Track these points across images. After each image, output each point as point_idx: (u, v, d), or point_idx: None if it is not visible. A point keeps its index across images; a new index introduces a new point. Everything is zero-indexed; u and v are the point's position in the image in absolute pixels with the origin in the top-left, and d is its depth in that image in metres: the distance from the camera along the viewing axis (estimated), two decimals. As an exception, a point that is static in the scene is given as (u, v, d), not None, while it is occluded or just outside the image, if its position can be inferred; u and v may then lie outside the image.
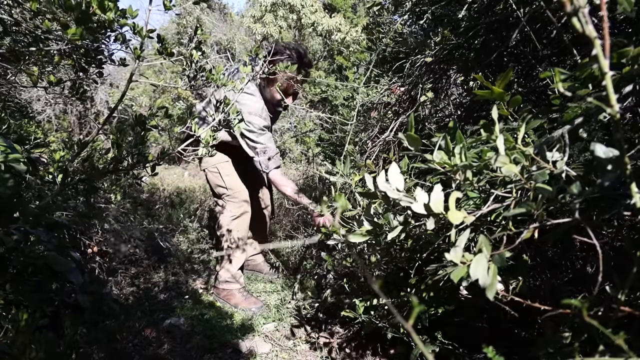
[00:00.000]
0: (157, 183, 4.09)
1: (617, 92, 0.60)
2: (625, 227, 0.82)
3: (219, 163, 1.93)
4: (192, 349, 1.52)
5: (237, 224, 1.94)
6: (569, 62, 1.20)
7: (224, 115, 1.17)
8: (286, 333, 1.69)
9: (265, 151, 1.79)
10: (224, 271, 1.96)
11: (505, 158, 0.58)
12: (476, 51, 1.44)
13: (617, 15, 0.94)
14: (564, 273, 1.04)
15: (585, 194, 0.51)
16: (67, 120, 5.68)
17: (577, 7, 0.33)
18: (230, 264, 1.95)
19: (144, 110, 6.56)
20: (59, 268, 0.85)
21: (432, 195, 0.65)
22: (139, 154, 0.93)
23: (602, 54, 0.35)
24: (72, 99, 1.09)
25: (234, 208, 1.94)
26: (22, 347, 0.72)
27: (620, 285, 0.51)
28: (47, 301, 0.88)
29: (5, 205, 0.69)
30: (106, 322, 1.55)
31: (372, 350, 1.45)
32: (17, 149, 0.79)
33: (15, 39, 0.98)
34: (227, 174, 1.93)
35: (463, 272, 0.57)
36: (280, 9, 9.41)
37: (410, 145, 0.71)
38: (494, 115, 0.62)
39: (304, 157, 4.83)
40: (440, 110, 1.92)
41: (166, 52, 0.96)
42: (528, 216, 0.59)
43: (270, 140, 1.84)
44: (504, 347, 0.86)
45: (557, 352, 0.67)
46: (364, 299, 1.41)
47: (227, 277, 1.95)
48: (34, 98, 4.40)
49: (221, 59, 7.04)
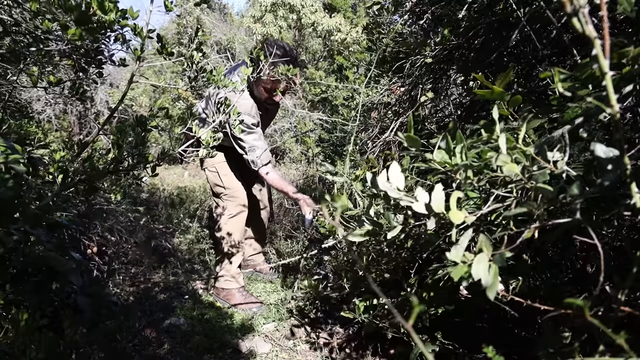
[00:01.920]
0: (157, 183, 4.09)
1: (617, 92, 0.60)
2: (625, 227, 0.82)
3: (217, 163, 1.94)
4: (192, 349, 1.52)
5: (234, 223, 1.95)
6: (569, 62, 1.20)
7: (225, 116, 1.17)
8: (286, 333, 1.69)
9: (254, 149, 1.80)
10: (223, 271, 1.96)
11: (506, 158, 0.58)
12: (476, 51, 1.44)
13: (617, 15, 0.94)
14: (564, 273, 1.04)
15: (585, 194, 0.51)
16: (67, 120, 5.68)
17: (577, 7, 0.33)
18: (230, 264, 1.95)
19: (144, 110, 6.56)
20: (59, 268, 0.84)
21: (433, 194, 0.65)
22: (139, 155, 0.93)
23: (602, 54, 0.35)
24: (72, 99, 1.09)
25: (231, 207, 1.94)
26: (22, 347, 0.72)
27: (620, 285, 0.51)
28: (47, 301, 0.88)
29: (5, 205, 0.69)
30: (106, 322, 1.55)
31: (372, 350, 1.45)
32: (17, 150, 0.79)
33: (15, 39, 0.98)
34: (225, 174, 1.94)
35: (463, 270, 0.56)
36: (280, 9, 9.41)
37: (410, 145, 0.71)
38: (495, 115, 0.62)
39: (304, 157, 4.83)
40: (440, 110, 1.92)
41: (166, 52, 0.96)
42: (529, 216, 0.59)
43: (260, 137, 1.85)
44: (504, 347, 0.86)
45: (557, 352, 0.67)
46: (364, 298, 1.41)
47: (226, 277, 1.96)
48: (34, 98, 4.40)
49: (221, 59, 7.04)
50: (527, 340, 1.11)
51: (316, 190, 3.18)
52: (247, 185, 2.03)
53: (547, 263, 1.06)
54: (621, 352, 0.40)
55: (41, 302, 0.83)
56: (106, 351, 1.36)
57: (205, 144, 1.11)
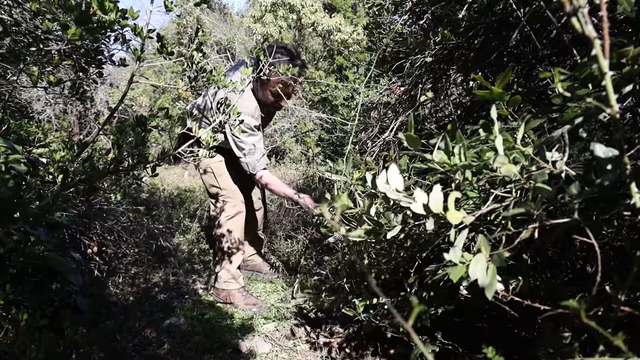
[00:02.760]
0: (157, 183, 4.10)
1: (617, 92, 0.60)
2: (625, 227, 0.82)
3: (212, 163, 1.93)
4: (192, 349, 1.52)
5: (232, 224, 1.95)
6: (569, 62, 1.20)
7: (225, 116, 1.17)
8: (286, 333, 1.69)
9: (253, 152, 1.77)
10: (223, 271, 1.96)
11: (504, 158, 0.58)
12: (476, 51, 1.44)
13: (617, 15, 0.94)
14: (564, 273, 1.04)
15: (585, 194, 0.51)
16: (67, 120, 5.68)
17: (576, 7, 0.33)
18: (229, 264, 1.95)
19: (144, 110, 6.57)
20: (59, 268, 0.85)
21: (432, 195, 0.65)
22: (139, 155, 0.93)
23: (601, 54, 0.35)
24: (72, 99, 1.09)
25: (228, 208, 1.94)
26: (22, 347, 0.72)
27: (620, 285, 0.51)
28: (47, 301, 0.88)
29: (5, 205, 0.70)
30: (106, 322, 1.55)
31: (372, 350, 1.45)
32: (17, 150, 0.79)
33: (15, 39, 0.98)
34: (221, 174, 1.93)
35: (462, 272, 0.57)
36: (280, 9, 9.41)
37: (409, 145, 0.71)
38: (493, 115, 0.62)
39: (304, 157, 4.83)
40: (440, 110, 1.92)
41: (166, 52, 0.96)
42: (527, 216, 0.59)
43: (261, 141, 1.82)
44: (504, 347, 0.86)
45: (557, 352, 0.67)
46: (364, 298, 1.41)
47: (226, 278, 1.96)
48: (34, 98, 4.41)
49: (221, 59, 7.04)
50: (527, 340, 1.11)
51: (316, 190, 3.18)
52: (243, 186, 2.03)
53: (547, 263, 1.06)
54: (621, 352, 0.40)
55: (41, 302, 0.83)
56: (106, 351, 1.36)
57: (205, 145, 1.11)
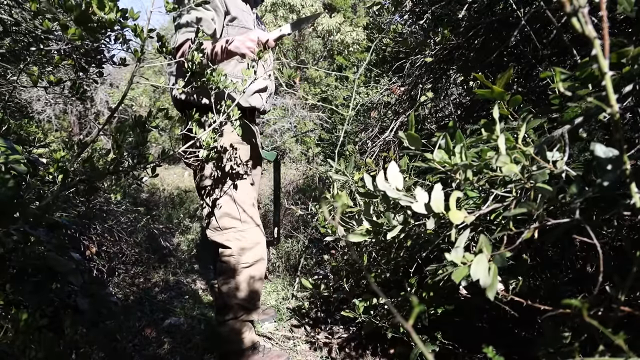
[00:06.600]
0: (157, 183, 4.09)
1: (617, 92, 0.60)
2: (625, 227, 0.82)
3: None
4: (192, 349, 1.52)
5: (252, 275, 1.51)
6: (569, 62, 1.20)
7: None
8: (286, 333, 1.69)
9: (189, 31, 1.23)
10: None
11: (506, 157, 0.58)
12: (476, 51, 1.44)
13: (617, 15, 0.94)
14: (564, 273, 1.04)
15: (585, 193, 0.51)
16: (67, 120, 5.68)
17: (576, 7, 0.33)
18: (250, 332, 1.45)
19: (144, 110, 6.57)
20: (59, 269, 0.85)
21: (433, 194, 0.65)
22: (139, 155, 0.93)
23: (601, 54, 0.35)
24: (72, 99, 1.09)
25: (246, 254, 1.45)
26: (22, 347, 0.72)
27: (620, 285, 0.51)
28: (47, 301, 0.88)
29: (5, 205, 0.69)
30: (106, 322, 1.55)
31: (372, 350, 1.45)
32: (17, 150, 0.79)
33: (15, 39, 0.98)
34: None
35: (464, 272, 0.56)
36: (280, 9, 9.41)
37: (410, 144, 0.71)
38: (495, 115, 0.62)
39: (304, 157, 4.83)
40: (440, 109, 1.92)
41: (166, 52, 0.96)
42: (528, 216, 0.59)
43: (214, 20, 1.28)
44: (504, 347, 0.86)
45: (557, 352, 0.66)
46: (364, 298, 1.41)
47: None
48: (34, 98, 4.41)
49: (221, 59, 7.01)
50: (527, 340, 1.11)
51: (316, 190, 3.17)
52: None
53: (547, 263, 1.06)
54: (621, 352, 0.40)
55: (41, 302, 0.83)
56: (106, 351, 1.36)
57: (205, 145, 1.11)
